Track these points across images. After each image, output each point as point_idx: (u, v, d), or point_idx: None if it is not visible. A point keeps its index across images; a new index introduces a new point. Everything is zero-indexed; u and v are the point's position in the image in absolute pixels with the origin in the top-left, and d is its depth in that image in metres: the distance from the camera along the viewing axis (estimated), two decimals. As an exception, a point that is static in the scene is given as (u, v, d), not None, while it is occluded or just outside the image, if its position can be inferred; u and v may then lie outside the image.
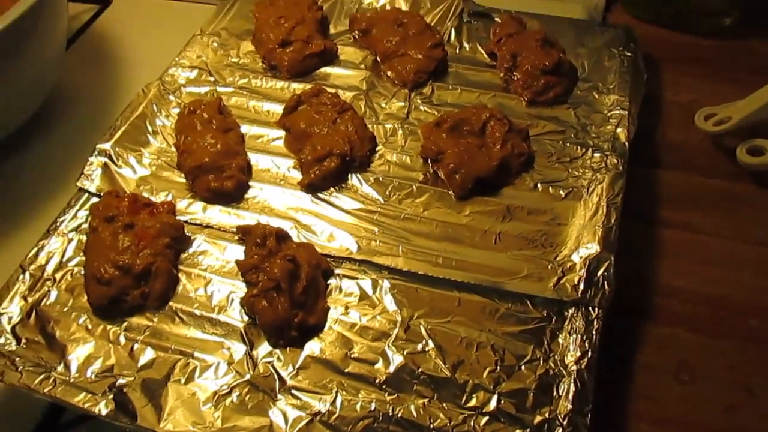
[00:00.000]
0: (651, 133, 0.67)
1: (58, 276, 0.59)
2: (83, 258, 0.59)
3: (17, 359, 0.53)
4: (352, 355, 0.52)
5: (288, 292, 0.54)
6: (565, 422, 0.47)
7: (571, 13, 0.80)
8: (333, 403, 0.50)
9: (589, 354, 0.50)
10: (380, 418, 0.49)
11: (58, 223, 0.62)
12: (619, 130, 0.64)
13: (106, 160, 0.66)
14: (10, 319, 0.56)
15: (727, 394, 0.51)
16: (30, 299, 0.57)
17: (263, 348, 0.53)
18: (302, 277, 0.55)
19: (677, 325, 0.55)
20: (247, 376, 0.52)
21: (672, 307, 0.56)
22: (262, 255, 0.56)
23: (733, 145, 0.66)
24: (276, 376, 0.52)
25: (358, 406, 0.49)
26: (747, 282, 0.57)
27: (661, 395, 0.52)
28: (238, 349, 0.53)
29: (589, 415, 0.47)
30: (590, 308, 0.53)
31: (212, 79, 0.73)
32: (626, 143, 0.63)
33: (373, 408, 0.49)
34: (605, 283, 0.54)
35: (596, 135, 0.64)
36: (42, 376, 0.52)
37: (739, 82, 0.70)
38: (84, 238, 0.61)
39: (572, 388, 0.49)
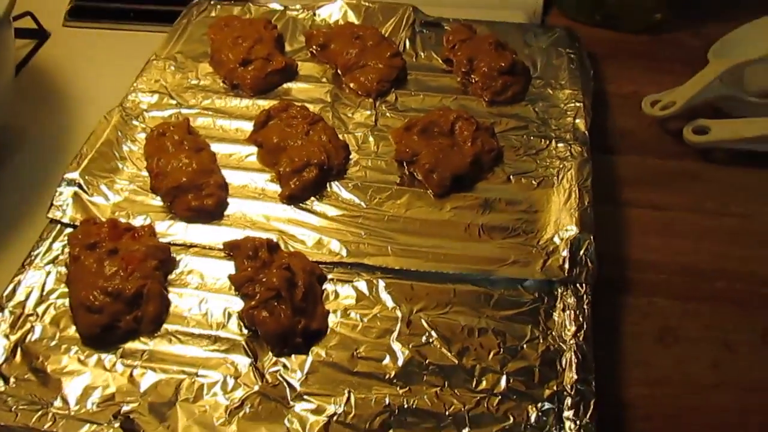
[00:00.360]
0: (603, 123, 0.72)
1: (40, 310, 0.57)
2: (65, 289, 0.58)
3: (9, 399, 0.51)
4: (359, 355, 0.53)
5: (288, 299, 0.54)
6: (572, 392, 0.50)
7: (512, 18, 0.84)
8: (347, 403, 0.50)
9: (585, 326, 0.53)
10: (396, 412, 0.50)
11: (32, 257, 0.60)
12: (577, 120, 0.68)
13: (76, 189, 0.64)
14: (-5, 359, 0.53)
15: (710, 352, 0.55)
16: (13, 337, 0.55)
17: (268, 359, 0.53)
18: (299, 284, 0.55)
19: (654, 295, 0.59)
20: (256, 388, 0.51)
21: (647, 279, 0.60)
22: (256, 267, 0.56)
23: (677, 128, 0.71)
24: (286, 384, 0.52)
25: (372, 403, 0.50)
26: (709, 249, 0.62)
27: (651, 359, 0.55)
28: (243, 363, 0.53)
29: (593, 383, 0.50)
30: (578, 285, 0.56)
31: (174, 102, 0.73)
32: (586, 132, 0.67)
33: (387, 403, 0.50)
34: (588, 260, 0.57)
35: (557, 127, 0.68)
36: (39, 413, 0.50)
37: (673, 72, 0.76)
38: (62, 269, 0.59)
39: (574, 359, 0.51)
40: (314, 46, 0.78)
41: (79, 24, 0.93)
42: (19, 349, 0.54)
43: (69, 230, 0.62)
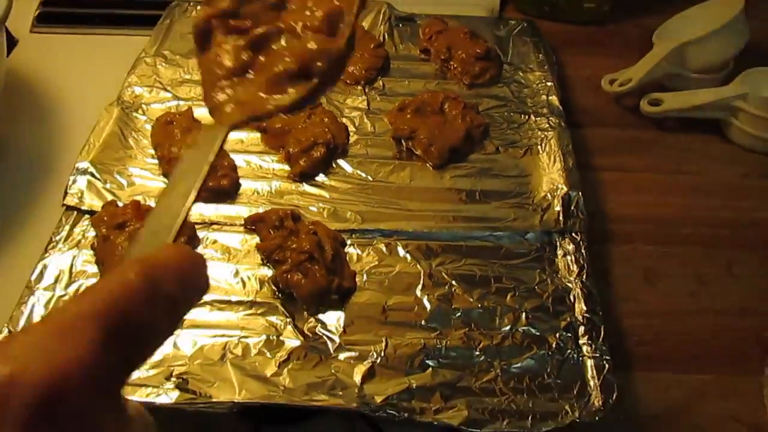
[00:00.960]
0: (567, 102, 0.80)
1: (71, 290, 0.58)
2: (95, 270, 0.59)
3: (57, 372, 0.52)
4: (389, 307, 0.58)
5: (320, 261, 0.58)
6: (584, 321, 0.57)
7: (473, 13, 0.92)
8: (386, 348, 0.55)
9: (586, 267, 0.60)
10: (432, 352, 0.55)
11: (54, 242, 0.61)
12: (551, 97, 0.76)
13: (89, 177, 0.66)
14: (34, 338, 0.54)
15: (687, 285, 0.64)
16: (49, 317, 0.56)
17: (304, 318, 0.57)
18: (327, 247, 0.60)
19: (635, 242, 0.67)
20: (299, 343, 0.55)
21: (626, 229, 0.68)
22: (283, 235, 0.60)
23: (631, 103, 0.81)
24: (326, 338, 0.56)
25: (408, 347, 0.55)
26: (673, 202, 0.71)
27: (639, 296, 0.63)
28: (281, 323, 0.56)
29: (600, 312, 0.57)
30: (573, 234, 0.63)
31: (170, 95, 0.76)
32: (560, 106, 0.75)
33: (423, 344, 0.55)
34: (579, 212, 0.64)
35: (533, 104, 0.76)
36: (92, 382, 0.52)
37: (622, 56, 0.86)
38: (87, 251, 0.61)
39: (581, 294, 0.58)
40: (300, 40, 0.82)
41: (47, 30, 0.93)
42: (56, 328, 0.56)
43: (87, 216, 0.63)
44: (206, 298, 0.58)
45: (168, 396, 0.51)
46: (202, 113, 0.73)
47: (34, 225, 0.66)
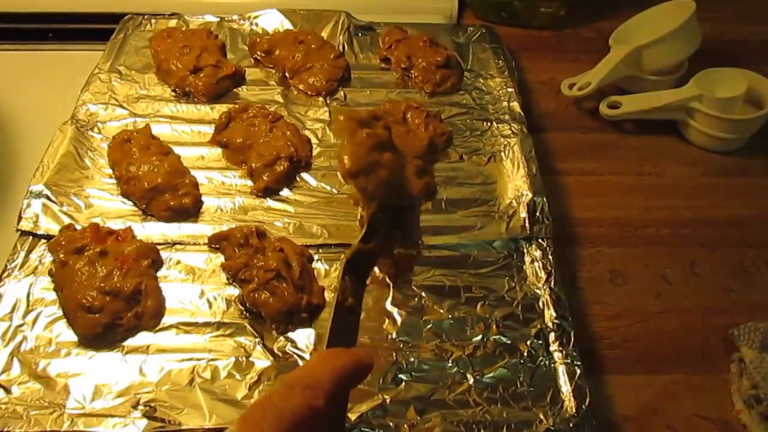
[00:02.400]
0: (528, 106, 0.81)
1: (29, 320, 0.56)
2: (53, 297, 0.57)
3: (17, 407, 0.51)
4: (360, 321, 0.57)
5: (288, 278, 0.57)
6: (554, 327, 0.57)
7: (432, 20, 0.92)
8: (358, 364, 0.54)
9: (553, 273, 0.61)
10: (405, 365, 0.54)
11: (9, 270, 0.59)
12: (512, 104, 0.77)
13: (44, 200, 0.63)
14: (-9, 372, 0.52)
15: (652, 286, 0.65)
16: (6, 348, 0.54)
17: (273, 337, 0.56)
18: (294, 264, 0.59)
19: (599, 245, 0.68)
20: (269, 363, 0.54)
21: (590, 232, 0.69)
22: (249, 253, 0.59)
23: (591, 107, 0.82)
24: (297, 357, 0.55)
25: (381, 361, 0.55)
26: (635, 203, 0.72)
27: (606, 298, 0.64)
28: (251, 343, 0.55)
29: (569, 318, 0.58)
30: (539, 240, 0.63)
31: (127, 112, 0.74)
32: (521, 113, 0.75)
33: (395, 359, 0.55)
34: (545, 218, 0.65)
35: (495, 111, 0.76)
36: (55, 415, 0.50)
37: (578, 60, 0.87)
38: (45, 278, 0.59)
39: (550, 300, 0.59)
40: (259, 53, 0.81)
41: (-4, 46, 0.90)
42: (15, 360, 0.54)
43: (43, 241, 0.61)
44: (171, 320, 0.57)
45: (135, 425, 0.50)
46: (159, 130, 0.72)
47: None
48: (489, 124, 0.75)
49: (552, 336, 0.56)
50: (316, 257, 0.62)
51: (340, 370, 0.34)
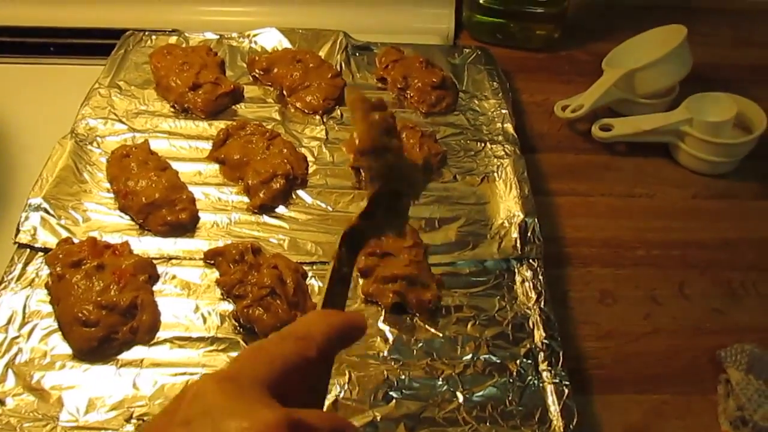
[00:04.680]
0: (522, 127, 0.82)
1: (25, 332, 0.57)
2: (49, 309, 0.58)
3: (11, 419, 0.51)
4: (352, 339, 0.58)
5: (282, 295, 0.58)
6: (543, 347, 0.58)
7: (428, 41, 0.94)
8: (350, 381, 0.55)
9: (543, 293, 0.61)
10: (396, 383, 0.55)
11: (6, 282, 0.60)
12: (506, 125, 0.78)
13: (42, 213, 0.64)
14: (-15, 384, 0.53)
15: (641, 306, 0.66)
16: (1, 361, 0.55)
17: (266, 352, 0.57)
18: (288, 281, 0.59)
19: (590, 265, 0.69)
20: (262, 379, 0.55)
21: (582, 252, 0.70)
22: (244, 270, 0.60)
23: (584, 128, 0.83)
24: (289, 372, 0.55)
25: (372, 379, 0.55)
26: (626, 225, 0.73)
27: (596, 318, 0.64)
28: (243, 358, 0.56)
29: (559, 338, 0.58)
30: (530, 260, 0.64)
31: (126, 127, 0.75)
32: (515, 134, 0.77)
33: (386, 377, 0.55)
34: (536, 239, 0.66)
35: (489, 132, 0.77)
36: (48, 427, 0.51)
37: (572, 82, 0.88)
38: (41, 291, 0.59)
39: (539, 320, 0.60)
40: (257, 70, 0.82)
41: (-3, 60, 0.91)
42: (9, 371, 0.54)
43: (41, 254, 0.62)
44: (166, 335, 0.58)
45: (127, 439, 0.50)
46: (158, 146, 0.73)
47: (-16, 264, 0.65)
48: (483, 144, 0.76)
49: (541, 356, 0.57)
50: (310, 274, 0.63)
51: (334, 326, 0.35)
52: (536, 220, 0.67)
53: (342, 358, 0.56)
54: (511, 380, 0.56)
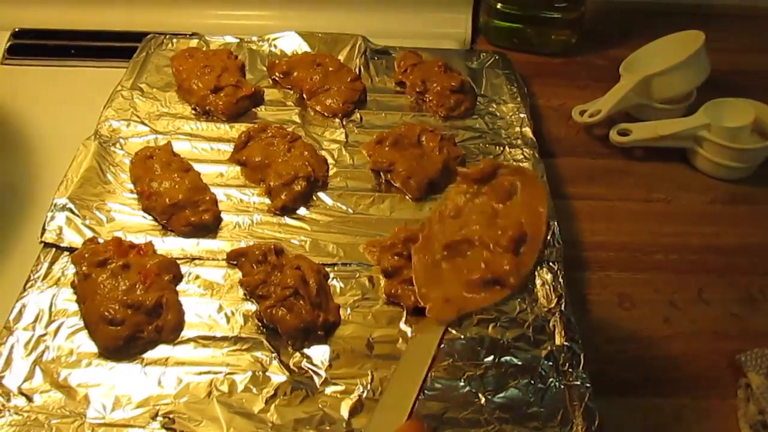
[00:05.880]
0: (539, 132, 0.83)
1: (51, 330, 0.57)
2: (75, 308, 0.59)
3: (39, 415, 0.52)
4: (374, 340, 0.58)
5: (305, 296, 0.58)
6: (564, 349, 0.58)
7: (446, 46, 0.94)
8: (372, 381, 0.55)
9: (563, 296, 0.62)
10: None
11: (33, 281, 0.60)
12: (524, 129, 0.78)
13: (68, 214, 0.65)
14: (15, 381, 0.54)
15: (660, 310, 0.66)
16: (29, 357, 0.55)
17: (289, 353, 0.57)
18: (311, 282, 0.60)
19: (608, 269, 0.69)
20: (285, 378, 0.55)
21: (600, 256, 0.70)
22: (267, 270, 0.60)
23: (601, 133, 0.84)
24: (312, 373, 0.56)
25: (394, 379, 0.56)
26: (644, 229, 0.73)
27: (615, 321, 0.65)
28: (267, 358, 0.57)
29: (579, 341, 0.59)
30: (551, 263, 0.65)
31: (148, 128, 0.76)
32: (533, 138, 0.77)
33: (408, 377, 0.56)
34: (556, 242, 0.66)
35: (507, 136, 0.78)
36: (76, 424, 0.52)
37: (588, 87, 0.89)
38: (67, 290, 0.60)
39: (560, 323, 0.60)
40: (277, 74, 0.83)
41: (19, 62, 0.92)
42: (37, 368, 0.55)
43: (66, 253, 0.63)
44: (190, 334, 0.58)
45: (154, 437, 0.51)
46: (180, 147, 0.74)
47: (11, 263, 0.66)
48: (501, 148, 0.77)
49: (562, 358, 0.58)
50: (331, 275, 0.63)
51: None
52: (556, 223, 0.67)
53: (364, 360, 0.57)
54: (532, 382, 0.56)
